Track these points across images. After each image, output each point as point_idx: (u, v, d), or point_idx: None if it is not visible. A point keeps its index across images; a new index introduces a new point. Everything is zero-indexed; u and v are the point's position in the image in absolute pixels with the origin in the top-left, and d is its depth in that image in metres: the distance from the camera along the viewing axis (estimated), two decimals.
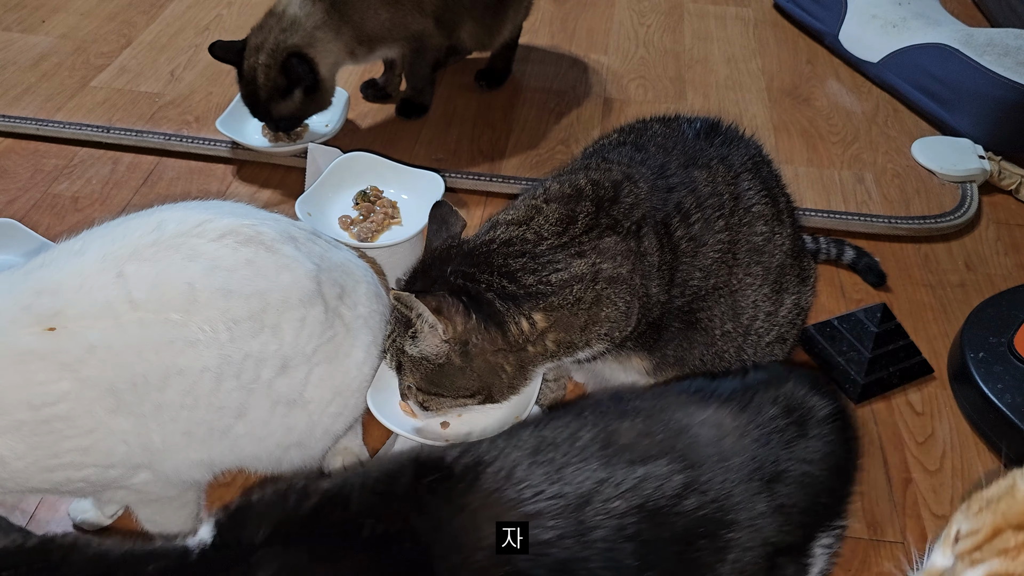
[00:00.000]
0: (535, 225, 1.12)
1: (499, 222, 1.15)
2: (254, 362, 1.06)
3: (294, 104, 1.82)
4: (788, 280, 1.26)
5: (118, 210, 1.80)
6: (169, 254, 1.03)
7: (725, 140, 1.26)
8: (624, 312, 1.12)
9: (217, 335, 1.02)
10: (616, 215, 1.13)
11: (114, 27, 2.39)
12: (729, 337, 1.22)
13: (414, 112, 2.10)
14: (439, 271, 1.10)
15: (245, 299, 1.04)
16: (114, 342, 0.98)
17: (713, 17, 2.62)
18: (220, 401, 1.05)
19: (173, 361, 1.01)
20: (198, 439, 1.06)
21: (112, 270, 1.00)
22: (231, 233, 1.06)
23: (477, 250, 1.11)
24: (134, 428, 1.01)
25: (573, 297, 1.09)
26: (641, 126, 1.30)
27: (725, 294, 1.19)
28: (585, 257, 1.10)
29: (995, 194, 1.99)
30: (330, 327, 1.12)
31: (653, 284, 1.14)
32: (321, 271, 1.12)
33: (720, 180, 1.20)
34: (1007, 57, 2.02)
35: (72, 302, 0.98)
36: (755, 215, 1.21)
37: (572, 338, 1.12)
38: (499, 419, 1.24)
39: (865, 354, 1.50)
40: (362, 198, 1.59)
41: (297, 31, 1.79)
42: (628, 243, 1.12)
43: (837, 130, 2.17)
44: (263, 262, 1.07)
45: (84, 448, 0.99)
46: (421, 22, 1.94)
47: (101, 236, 1.06)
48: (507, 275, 1.09)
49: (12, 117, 2.02)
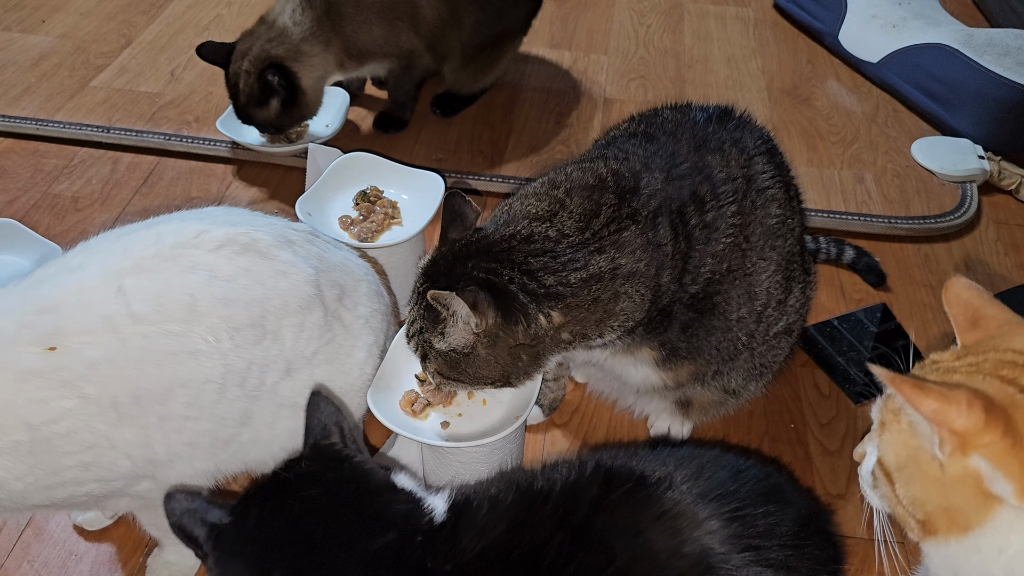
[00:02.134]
0: (558, 222, 1.11)
1: (520, 214, 1.14)
2: (259, 368, 1.06)
3: (271, 113, 1.82)
4: (795, 269, 1.27)
5: (118, 210, 1.81)
6: (168, 266, 1.03)
7: (738, 124, 1.26)
8: (639, 304, 1.13)
9: (220, 344, 1.02)
10: (636, 205, 1.13)
11: (114, 27, 2.39)
12: (743, 323, 1.23)
13: (392, 126, 2.07)
14: (462, 267, 1.10)
15: (245, 307, 1.04)
16: (115, 357, 0.98)
17: (713, 17, 2.62)
18: (224, 411, 1.05)
19: (175, 373, 1.00)
20: (203, 449, 1.06)
21: (112, 284, 1.00)
22: (229, 242, 1.06)
23: (498, 245, 1.11)
24: (137, 440, 1.00)
25: (591, 297, 1.10)
26: (651, 114, 1.30)
27: (740, 276, 1.20)
28: (604, 253, 1.10)
29: (995, 194, 1.99)
30: (329, 330, 1.12)
31: (665, 273, 1.14)
32: (320, 273, 1.12)
33: (734, 163, 1.20)
34: (1007, 57, 2.02)
35: (72, 318, 0.98)
36: (769, 198, 1.21)
37: (587, 331, 1.13)
38: (499, 418, 1.25)
39: (865, 354, 1.50)
40: (362, 198, 1.58)
41: (283, 43, 1.78)
42: (646, 234, 1.12)
43: (837, 130, 2.17)
44: (261, 269, 1.07)
45: (86, 464, 0.99)
46: (413, 41, 1.92)
47: (99, 251, 1.05)
48: (528, 273, 1.09)
49: (12, 117, 2.02)
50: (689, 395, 1.32)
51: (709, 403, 1.34)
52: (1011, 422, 0.75)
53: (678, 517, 0.87)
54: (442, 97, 2.13)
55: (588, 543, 0.84)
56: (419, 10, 1.89)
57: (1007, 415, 0.75)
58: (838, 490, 1.36)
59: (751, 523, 0.89)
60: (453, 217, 1.16)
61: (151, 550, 1.22)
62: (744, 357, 1.27)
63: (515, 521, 0.86)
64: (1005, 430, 0.74)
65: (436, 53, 1.98)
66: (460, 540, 0.84)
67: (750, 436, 1.44)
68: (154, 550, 1.22)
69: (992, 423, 0.74)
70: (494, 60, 2.09)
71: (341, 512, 0.85)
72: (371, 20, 1.86)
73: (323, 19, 1.80)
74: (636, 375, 1.28)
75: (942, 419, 0.75)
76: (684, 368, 1.24)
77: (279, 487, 0.88)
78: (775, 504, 0.92)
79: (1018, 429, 0.74)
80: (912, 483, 0.82)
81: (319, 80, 1.85)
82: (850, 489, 1.36)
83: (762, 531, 0.89)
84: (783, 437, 1.44)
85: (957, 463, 0.76)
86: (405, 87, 2.03)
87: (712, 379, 1.28)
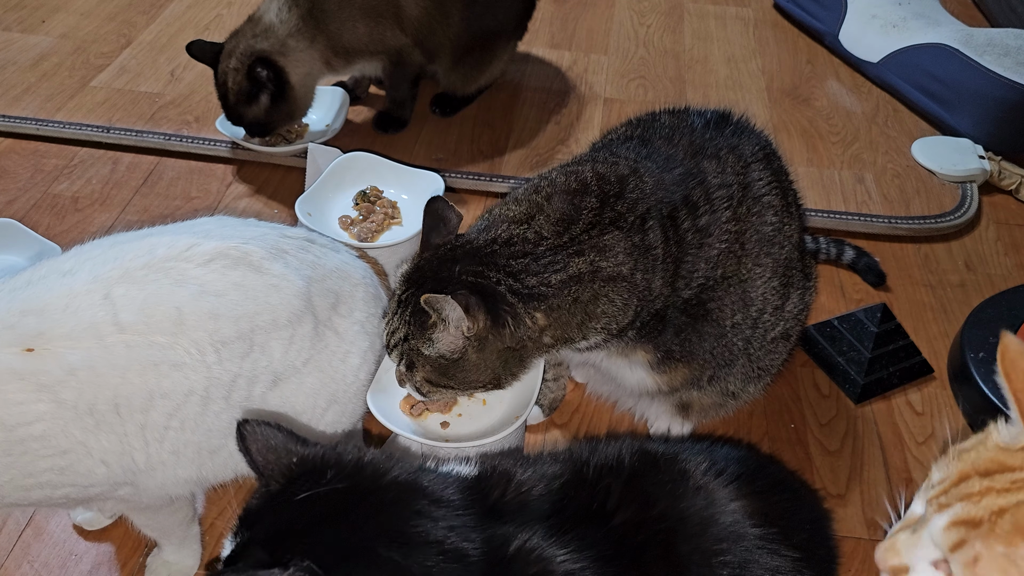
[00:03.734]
0: (536, 225, 1.12)
1: (500, 218, 1.15)
2: (246, 380, 1.06)
3: (260, 109, 1.82)
4: (794, 275, 1.26)
5: (118, 210, 1.81)
6: (157, 277, 1.03)
7: (736, 130, 1.25)
8: (621, 308, 1.13)
9: (204, 357, 1.02)
10: (620, 210, 1.13)
11: (114, 27, 2.39)
12: (738, 329, 1.22)
13: (392, 126, 2.06)
14: (448, 271, 1.10)
15: (234, 321, 1.04)
16: (97, 363, 0.97)
17: (713, 17, 2.62)
18: (208, 423, 1.05)
19: (158, 384, 1.00)
20: (187, 458, 1.06)
21: (100, 292, 1.00)
22: (220, 256, 1.06)
23: (481, 249, 1.11)
24: (114, 448, 1.00)
25: (571, 298, 1.10)
26: (649, 118, 1.29)
27: (735, 283, 1.19)
28: (584, 255, 1.10)
29: (995, 194, 1.99)
30: (320, 339, 1.12)
31: (657, 277, 1.14)
32: (312, 283, 1.12)
33: (730, 170, 1.20)
34: (1007, 57, 2.02)
35: (57, 323, 0.97)
36: (765, 205, 1.21)
37: (569, 334, 1.13)
38: (499, 418, 1.25)
39: (865, 354, 1.50)
40: (362, 198, 1.59)
41: (269, 38, 1.79)
42: (632, 238, 1.12)
43: (837, 130, 2.17)
44: (252, 284, 1.07)
45: (60, 468, 0.98)
46: (400, 38, 1.92)
47: (91, 257, 1.05)
48: (512, 275, 1.09)
49: (12, 117, 2.02)
50: (688, 398, 1.32)
51: (709, 405, 1.34)
52: None
53: (713, 491, 0.90)
54: (441, 97, 2.13)
55: (637, 499, 0.87)
56: (402, 8, 1.89)
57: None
58: (838, 490, 1.36)
59: (776, 506, 0.92)
60: (435, 222, 1.16)
61: (151, 550, 1.22)
62: (741, 362, 1.27)
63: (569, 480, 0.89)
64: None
65: (425, 50, 1.97)
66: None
67: (750, 436, 1.44)
68: (154, 550, 1.22)
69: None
70: (486, 61, 2.08)
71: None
72: (355, 17, 1.86)
73: (307, 17, 1.81)
74: (631, 377, 1.28)
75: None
76: (679, 371, 1.24)
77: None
78: (791, 494, 0.97)
79: None
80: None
81: (307, 77, 1.85)
82: (850, 489, 1.36)
83: (783, 514, 0.92)
84: (783, 437, 1.44)
85: None
86: (401, 85, 2.03)
87: (708, 384, 1.28)
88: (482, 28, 2.01)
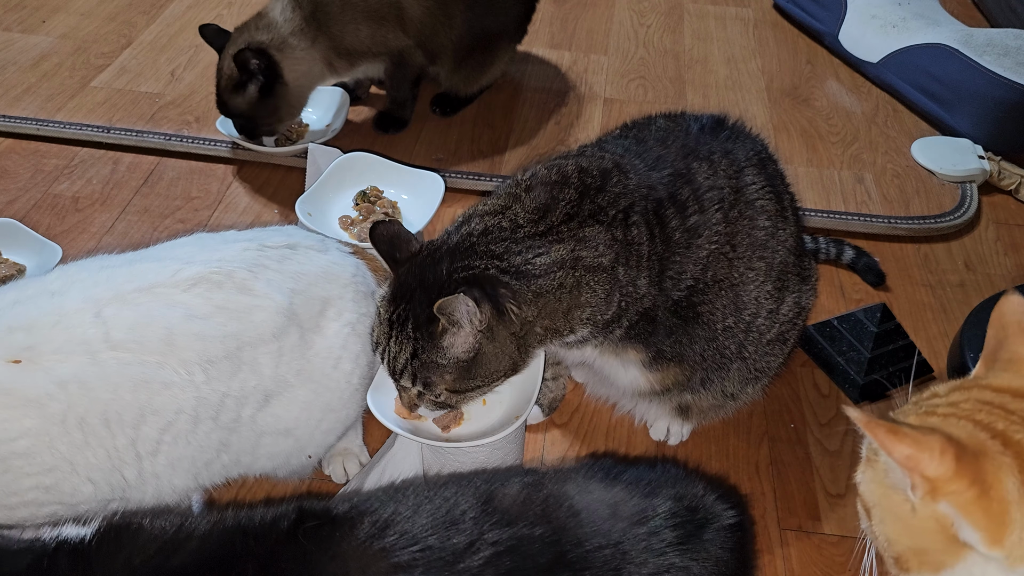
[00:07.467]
0: (510, 214, 1.12)
1: (474, 214, 1.15)
2: (234, 401, 1.07)
3: (246, 100, 1.81)
4: (790, 278, 1.26)
5: (119, 210, 1.81)
6: (147, 299, 1.04)
7: (731, 135, 1.25)
8: (604, 299, 1.13)
9: (192, 377, 1.03)
10: (601, 203, 1.13)
11: (114, 27, 2.39)
12: (731, 332, 1.22)
13: (392, 126, 2.06)
14: (433, 274, 1.09)
15: (221, 341, 1.06)
16: (88, 377, 0.98)
17: (713, 17, 2.62)
18: (199, 441, 1.06)
19: (149, 401, 1.01)
20: (183, 470, 1.07)
21: (91, 310, 1.01)
22: (202, 281, 1.08)
23: (460, 245, 1.11)
24: (102, 465, 1.00)
25: (556, 282, 1.09)
26: (645, 122, 1.30)
27: (726, 287, 1.19)
28: (564, 243, 1.10)
29: (995, 194, 1.99)
30: (309, 348, 1.13)
31: (642, 274, 1.14)
32: (295, 295, 1.13)
33: (722, 173, 1.20)
34: (1007, 57, 2.02)
35: (47, 338, 0.98)
36: (758, 209, 1.21)
37: (557, 324, 1.12)
38: (499, 418, 1.25)
39: (865, 354, 1.50)
40: (362, 198, 1.59)
41: (269, 32, 1.80)
42: (612, 232, 1.12)
43: (837, 130, 2.17)
44: (235, 305, 1.08)
45: (46, 487, 0.98)
46: (402, 40, 1.92)
47: (80, 278, 1.06)
48: (496, 257, 1.09)
49: (12, 117, 2.02)
50: (685, 401, 1.32)
51: (708, 407, 1.34)
52: (980, 471, 0.73)
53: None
54: (441, 97, 2.13)
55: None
56: (404, 10, 1.89)
57: (977, 463, 0.73)
58: (838, 490, 1.36)
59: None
60: (390, 242, 1.15)
61: None
62: (737, 365, 1.27)
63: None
64: (973, 479, 0.72)
65: (427, 51, 1.97)
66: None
67: (750, 436, 1.44)
68: None
69: (961, 472, 0.72)
70: (488, 62, 2.09)
71: None
72: (357, 20, 1.86)
73: (310, 19, 1.81)
74: (625, 377, 1.28)
75: (914, 465, 0.73)
76: (670, 371, 1.24)
77: None
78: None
79: (986, 478, 0.72)
80: (886, 522, 0.81)
81: (303, 77, 1.85)
82: (850, 489, 1.36)
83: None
84: (783, 437, 1.44)
85: (928, 508, 0.75)
86: (402, 86, 2.03)
87: (702, 386, 1.28)
88: (483, 30, 2.02)
